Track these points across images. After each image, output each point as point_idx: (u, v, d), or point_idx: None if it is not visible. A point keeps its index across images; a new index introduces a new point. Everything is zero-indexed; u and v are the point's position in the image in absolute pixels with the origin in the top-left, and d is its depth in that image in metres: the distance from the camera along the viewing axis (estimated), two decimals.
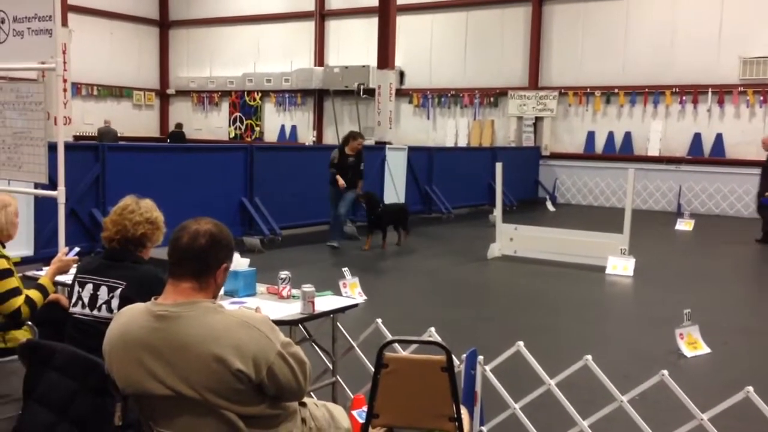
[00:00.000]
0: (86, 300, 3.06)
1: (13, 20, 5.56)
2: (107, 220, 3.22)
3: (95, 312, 3.04)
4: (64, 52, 6.26)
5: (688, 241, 12.82)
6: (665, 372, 3.60)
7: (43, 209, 7.85)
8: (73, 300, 3.11)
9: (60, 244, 5.43)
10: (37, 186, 6.35)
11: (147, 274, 3.07)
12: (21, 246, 7.71)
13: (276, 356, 2.33)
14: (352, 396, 4.19)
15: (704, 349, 5.92)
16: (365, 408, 3.52)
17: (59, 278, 3.81)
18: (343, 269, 7.18)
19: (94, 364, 2.54)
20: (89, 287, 3.07)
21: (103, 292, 3.05)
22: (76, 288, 3.12)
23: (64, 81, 8.18)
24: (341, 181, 10.50)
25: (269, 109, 23.47)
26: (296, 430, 2.55)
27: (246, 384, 2.29)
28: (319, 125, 22.56)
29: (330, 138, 21.92)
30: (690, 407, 3.56)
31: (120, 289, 3.03)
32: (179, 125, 22.31)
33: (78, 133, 19.88)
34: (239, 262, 4.03)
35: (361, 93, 20.16)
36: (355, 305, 4.20)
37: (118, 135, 20.13)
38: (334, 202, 10.75)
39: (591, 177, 18.13)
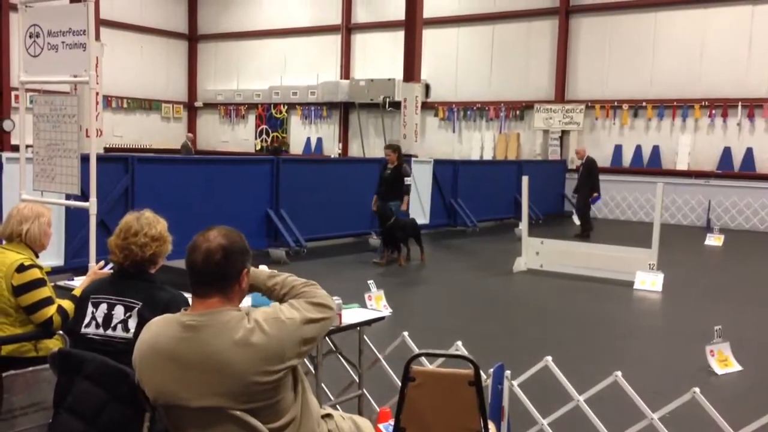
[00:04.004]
0: (100, 320, 3.02)
1: (48, 34, 5.67)
2: (112, 244, 3.13)
3: (109, 332, 2.99)
4: (96, 66, 6.37)
5: (717, 257, 12.62)
6: (697, 389, 3.54)
7: (74, 220, 7.97)
8: (86, 320, 3.05)
9: (91, 255, 5.51)
10: (68, 197, 6.46)
11: (165, 298, 3.02)
12: (51, 256, 7.84)
13: (303, 327, 2.40)
14: (378, 409, 4.18)
15: (735, 366, 5.81)
16: (392, 421, 3.51)
17: (66, 283, 3.86)
18: (368, 282, 7.18)
19: (124, 374, 2.57)
20: (103, 307, 3.03)
21: (118, 312, 3.01)
22: (90, 308, 3.07)
23: (96, 94, 8.29)
24: (373, 203, 10.62)
25: (295, 121, 23.63)
26: None
27: (284, 374, 2.35)
28: (344, 138, 22.66)
29: (355, 151, 22.01)
30: (722, 425, 3.50)
31: (137, 308, 3.00)
32: (279, 142, 21.73)
33: (108, 145, 20.19)
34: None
35: (387, 106, 20.21)
36: (382, 318, 4.19)
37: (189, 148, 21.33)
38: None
39: (618, 191, 17.95)
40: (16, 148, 7.04)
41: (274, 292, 2.62)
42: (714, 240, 13.64)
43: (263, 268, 2.75)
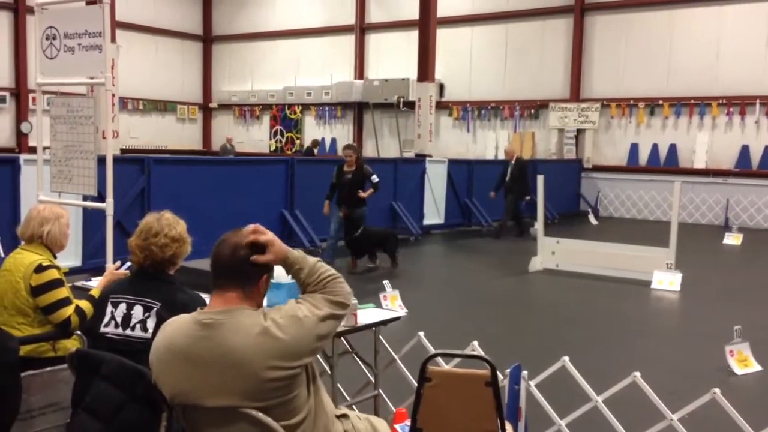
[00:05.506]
0: (119, 320, 3.06)
1: (65, 36, 5.71)
2: (133, 245, 3.16)
3: (128, 331, 3.02)
4: (112, 68, 6.40)
5: (736, 256, 12.50)
6: (717, 390, 3.50)
7: (91, 221, 8.03)
8: (105, 320, 3.09)
9: (108, 256, 5.54)
10: (85, 198, 6.50)
11: (183, 300, 3.05)
12: (69, 257, 7.89)
13: (319, 324, 2.40)
14: (394, 409, 4.17)
15: (755, 366, 5.74)
16: (408, 422, 3.50)
17: (84, 283, 3.89)
18: (384, 282, 7.17)
19: (141, 374, 2.57)
20: (122, 307, 3.07)
21: (137, 312, 3.04)
22: (109, 308, 3.11)
23: (112, 96, 8.35)
24: (325, 207, 9.95)
25: (309, 122, 23.68)
26: None
27: (299, 371, 2.35)
28: (358, 138, 22.67)
29: (370, 151, 22.01)
30: (743, 426, 3.46)
31: (156, 309, 3.03)
32: (315, 142, 21.04)
33: (124, 147, 20.32)
34: (282, 274, 4.04)
35: (401, 106, 20.20)
36: (397, 318, 4.18)
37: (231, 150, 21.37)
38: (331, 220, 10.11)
39: (635, 190, 17.82)
40: (33, 150, 7.09)
41: (303, 273, 2.53)
42: (732, 239, 13.50)
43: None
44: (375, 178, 10.00)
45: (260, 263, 2.43)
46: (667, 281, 8.97)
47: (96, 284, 3.88)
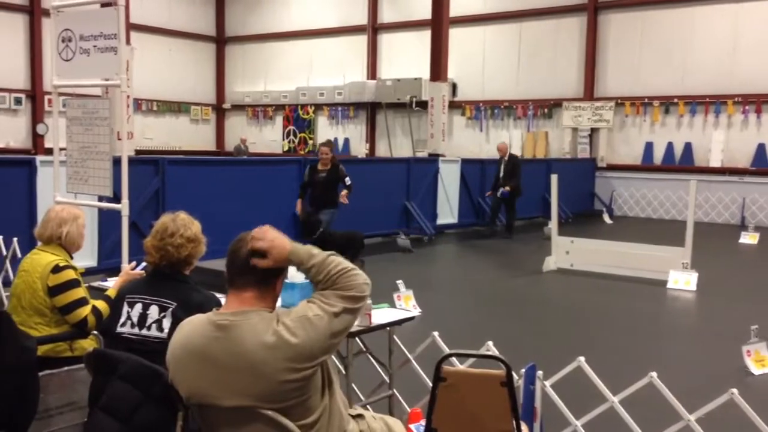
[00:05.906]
0: (135, 319, 3.09)
1: (80, 38, 5.74)
2: (149, 245, 3.18)
3: (144, 331, 3.05)
4: (127, 69, 6.43)
5: (753, 255, 12.39)
6: (735, 390, 3.47)
7: (106, 221, 8.08)
8: (122, 320, 3.12)
9: (123, 256, 5.58)
10: (101, 199, 6.55)
11: (198, 300, 3.08)
12: (85, 257, 7.95)
13: (332, 322, 2.37)
14: (409, 409, 4.17)
15: None
16: (423, 422, 3.49)
17: (100, 284, 3.92)
18: (397, 281, 7.17)
19: (158, 374, 2.59)
20: (138, 306, 3.09)
21: (153, 311, 3.07)
22: (125, 308, 3.13)
23: (127, 97, 8.39)
24: (297, 206, 9.84)
25: (322, 122, 23.71)
26: None
27: (314, 371, 2.35)
28: (371, 138, 22.68)
29: (382, 151, 22.02)
30: (761, 427, 3.43)
31: (171, 309, 3.05)
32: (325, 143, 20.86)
33: (138, 148, 20.44)
34: (296, 275, 4.05)
35: (414, 105, 20.18)
36: (411, 318, 4.17)
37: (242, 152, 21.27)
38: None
39: (650, 189, 17.71)
40: (49, 152, 7.16)
41: (310, 273, 2.47)
42: (749, 238, 13.39)
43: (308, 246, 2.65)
44: (348, 180, 9.82)
45: (261, 266, 2.41)
46: (682, 281, 8.91)
47: (112, 284, 3.91)
